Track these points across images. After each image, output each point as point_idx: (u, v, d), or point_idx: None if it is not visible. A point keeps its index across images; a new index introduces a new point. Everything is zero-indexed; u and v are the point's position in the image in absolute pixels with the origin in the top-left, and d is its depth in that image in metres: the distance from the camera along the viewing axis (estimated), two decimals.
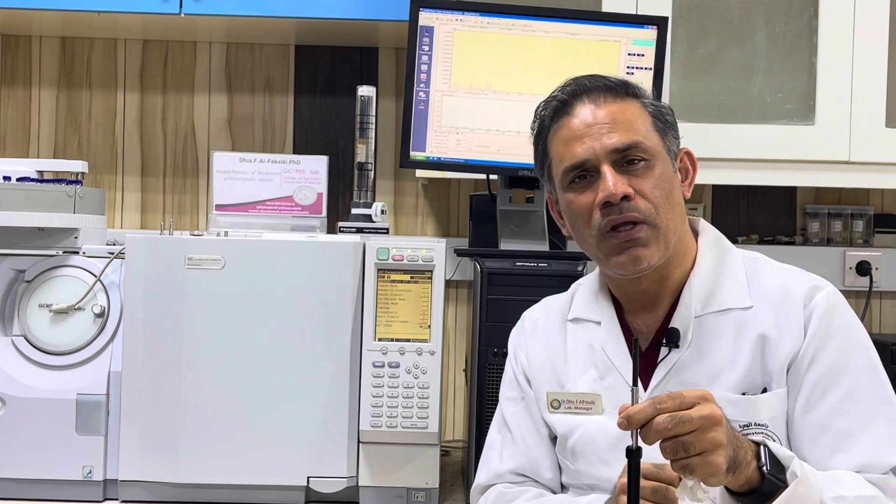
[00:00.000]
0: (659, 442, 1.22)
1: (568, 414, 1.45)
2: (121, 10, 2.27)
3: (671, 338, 1.48)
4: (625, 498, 1.27)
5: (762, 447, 1.30)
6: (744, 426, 1.42)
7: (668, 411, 1.21)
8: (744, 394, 1.44)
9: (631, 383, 1.33)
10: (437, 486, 1.93)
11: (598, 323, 1.56)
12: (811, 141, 2.20)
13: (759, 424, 1.43)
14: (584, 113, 1.48)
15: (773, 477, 1.28)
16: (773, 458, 1.29)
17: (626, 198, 1.43)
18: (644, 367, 1.48)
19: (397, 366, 1.89)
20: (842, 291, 2.49)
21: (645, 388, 1.48)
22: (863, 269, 2.51)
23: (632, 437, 1.22)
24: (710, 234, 1.57)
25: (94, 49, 2.60)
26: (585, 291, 1.62)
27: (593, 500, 1.46)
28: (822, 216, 2.56)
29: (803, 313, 1.47)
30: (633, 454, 1.22)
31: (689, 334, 1.48)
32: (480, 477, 1.65)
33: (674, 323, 1.49)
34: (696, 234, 1.57)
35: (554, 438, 1.59)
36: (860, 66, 2.19)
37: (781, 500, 1.26)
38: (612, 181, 1.43)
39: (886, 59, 2.19)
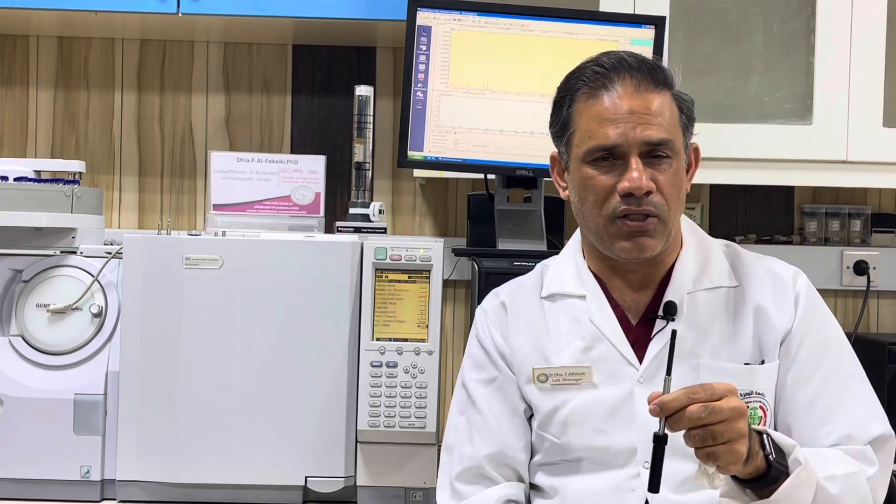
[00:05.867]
0: (685, 430, 1.28)
1: (556, 387, 1.54)
2: (118, 10, 2.26)
3: (668, 310, 1.52)
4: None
5: (765, 436, 1.36)
6: (745, 395, 1.47)
7: (701, 401, 1.27)
8: (746, 364, 1.51)
9: (624, 353, 1.49)
10: (435, 485, 1.93)
11: (583, 297, 1.58)
12: (808, 140, 2.20)
13: (758, 393, 1.51)
14: (624, 95, 1.48)
15: (778, 464, 1.35)
16: (775, 445, 1.36)
17: (647, 192, 1.47)
18: (638, 340, 1.54)
19: (395, 365, 1.89)
20: (839, 291, 2.55)
21: (640, 361, 1.52)
22: (860, 268, 2.51)
23: (660, 423, 1.28)
24: (686, 221, 1.63)
25: (92, 49, 2.60)
26: (560, 268, 1.64)
27: None
28: (820, 216, 2.56)
29: (792, 292, 1.55)
30: (661, 440, 1.29)
31: (683, 307, 1.53)
32: (454, 466, 1.61)
33: (668, 296, 1.54)
34: None
35: (530, 417, 1.60)
36: (857, 65, 2.19)
37: (787, 485, 1.35)
38: (638, 174, 1.46)
39: (883, 59, 2.19)
